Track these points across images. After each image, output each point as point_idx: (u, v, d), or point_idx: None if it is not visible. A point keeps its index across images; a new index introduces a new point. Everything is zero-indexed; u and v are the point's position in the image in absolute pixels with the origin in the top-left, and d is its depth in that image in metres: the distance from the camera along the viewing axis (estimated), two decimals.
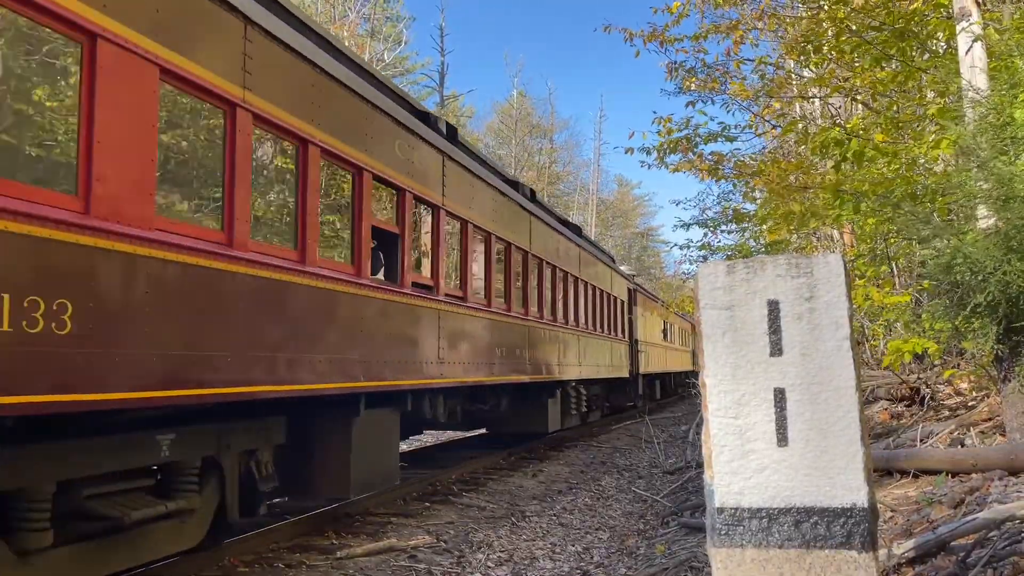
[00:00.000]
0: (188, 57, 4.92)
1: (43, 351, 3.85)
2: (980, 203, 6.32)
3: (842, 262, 2.77)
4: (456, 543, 7.33)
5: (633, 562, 6.71)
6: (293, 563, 6.38)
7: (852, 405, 2.68)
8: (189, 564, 5.92)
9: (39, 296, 3.82)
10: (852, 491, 2.63)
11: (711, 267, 2.92)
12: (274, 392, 5.78)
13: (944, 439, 7.40)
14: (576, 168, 59.66)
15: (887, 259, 12.80)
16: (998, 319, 5.67)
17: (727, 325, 2.85)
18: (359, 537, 7.33)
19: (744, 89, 10.99)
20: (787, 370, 2.75)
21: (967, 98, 7.04)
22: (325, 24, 32.76)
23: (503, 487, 10.48)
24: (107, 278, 4.27)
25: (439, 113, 40.87)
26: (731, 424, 2.79)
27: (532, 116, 53.47)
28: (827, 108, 15.37)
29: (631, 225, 67.80)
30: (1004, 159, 5.80)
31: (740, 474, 2.75)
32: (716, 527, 2.76)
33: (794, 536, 2.67)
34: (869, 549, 2.60)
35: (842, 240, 16.01)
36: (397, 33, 39.08)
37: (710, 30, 10.72)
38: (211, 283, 5.13)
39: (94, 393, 4.17)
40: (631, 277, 24.62)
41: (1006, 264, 5.47)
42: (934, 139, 8.12)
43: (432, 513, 8.57)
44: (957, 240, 5.92)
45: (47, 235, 3.89)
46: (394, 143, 8.02)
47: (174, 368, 4.75)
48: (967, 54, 7.47)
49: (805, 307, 2.76)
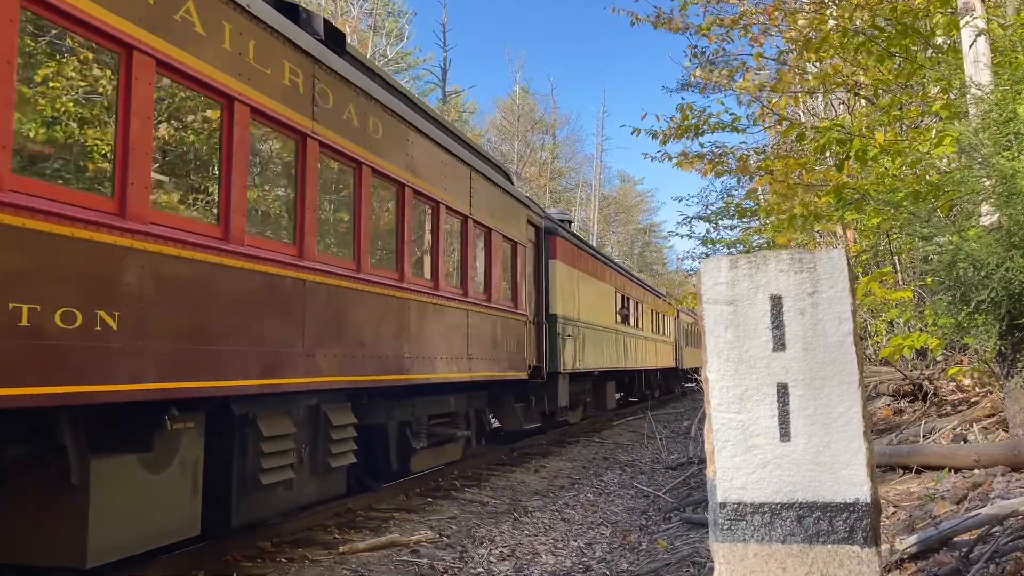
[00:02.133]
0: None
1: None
2: (983, 200, 6.31)
3: (845, 257, 2.77)
4: (458, 538, 7.33)
5: (635, 557, 6.71)
6: (295, 558, 6.39)
7: (855, 400, 2.67)
8: (191, 559, 5.93)
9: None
10: (855, 486, 2.63)
11: (714, 262, 2.92)
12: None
13: (947, 435, 7.39)
14: (578, 164, 59.65)
15: (889, 255, 12.78)
16: (1001, 316, 5.66)
17: (730, 320, 2.84)
18: (361, 532, 7.35)
19: (749, 83, 10.99)
20: (790, 365, 2.75)
21: (970, 94, 7.02)
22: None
23: (505, 483, 10.49)
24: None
25: (441, 109, 40.88)
26: (734, 419, 2.79)
27: (534, 112, 53.44)
28: (830, 104, 15.35)
29: (633, 221, 67.75)
30: (1007, 155, 5.78)
31: (743, 469, 2.75)
32: (719, 522, 2.76)
33: (797, 531, 2.67)
34: (872, 544, 2.60)
35: (844, 236, 15.98)
36: (399, 29, 39.01)
37: (714, 22, 10.69)
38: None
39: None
40: (546, 214, 15.56)
41: (1009, 261, 5.46)
42: (937, 136, 8.10)
43: (434, 508, 8.58)
44: (959, 237, 5.91)
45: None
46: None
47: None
48: (971, 49, 7.45)
49: (808, 302, 2.76)
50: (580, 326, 15.82)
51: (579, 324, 15.74)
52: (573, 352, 15.16)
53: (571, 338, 15.02)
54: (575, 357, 15.32)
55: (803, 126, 10.68)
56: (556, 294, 14.26)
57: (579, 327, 15.76)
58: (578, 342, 15.58)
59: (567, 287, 15.07)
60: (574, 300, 15.64)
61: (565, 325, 14.63)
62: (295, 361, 6.15)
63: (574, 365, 15.25)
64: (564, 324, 14.55)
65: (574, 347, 15.24)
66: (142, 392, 4.62)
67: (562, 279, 14.65)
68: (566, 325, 14.73)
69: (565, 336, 14.56)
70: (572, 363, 15.07)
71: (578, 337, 15.62)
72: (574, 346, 15.24)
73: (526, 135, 51.87)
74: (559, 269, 14.56)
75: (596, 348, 17.39)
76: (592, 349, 16.96)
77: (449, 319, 9.33)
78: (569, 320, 15.02)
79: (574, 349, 15.25)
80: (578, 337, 15.62)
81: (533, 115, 53.17)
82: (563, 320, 14.49)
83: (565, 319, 14.66)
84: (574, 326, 15.36)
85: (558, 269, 14.52)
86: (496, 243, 10.96)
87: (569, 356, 14.85)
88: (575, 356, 15.34)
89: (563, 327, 14.45)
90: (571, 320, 15.18)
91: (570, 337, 14.94)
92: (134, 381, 4.56)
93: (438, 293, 8.98)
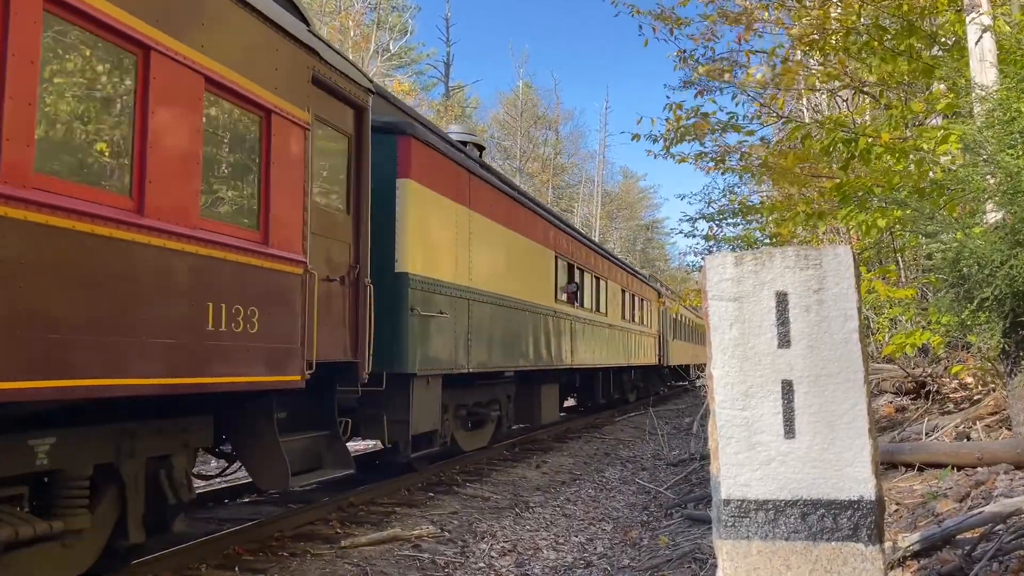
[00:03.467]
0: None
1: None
2: (988, 198, 6.30)
3: (851, 254, 2.76)
4: (460, 533, 7.34)
5: (637, 553, 6.72)
6: (297, 552, 6.40)
7: (860, 397, 2.67)
8: (191, 553, 5.94)
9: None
10: (859, 483, 2.63)
11: (719, 258, 2.91)
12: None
13: (950, 433, 7.39)
14: (581, 160, 59.58)
15: (893, 252, 12.78)
16: (1005, 313, 5.66)
17: (735, 317, 2.84)
18: (363, 526, 7.35)
19: (752, 78, 10.96)
20: (795, 362, 2.75)
21: (975, 93, 7.01)
22: (331, 15, 32.72)
23: (507, 478, 10.49)
24: None
25: (444, 104, 40.74)
26: (738, 416, 2.79)
27: (537, 107, 53.41)
28: (834, 101, 15.32)
29: (636, 217, 67.75)
30: (1011, 153, 5.77)
31: (747, 466, 2.75)
32: (722, 519, 2.76)
33: (800, 528, 2.67)
34: (876, 542, 2.60)
35: (848, 233, 15.97)
36: (403, 23, 39.02)
37: (716, 17, 10.66)
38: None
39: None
40: (409, 110, 10.50)
41: (1013, 258, 5.46)
42: (942, 134, 8.09)
43: (436, 503, 8.59)
44: (963, 234, 5.90)
45: None
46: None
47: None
48: (976, 46, 7.43)
49: (814, 299, 2.75)
50: (473, 298, 10.12)
51: (470, 294, 10.04)
52: (452, 339, 9.45)
53: (445, 318, 9.19)
54: (457, 347, 9.63)
55: (808, 127, 10.65)
56: (409, 237, 8.46)
57: (470, 300, 10.03)
58: (465, 324, 9.84)
59: (441, 232, 9.35)
60: (458, 254, 9.78)
61: (430, 294, 8.88)
62: None
63: (455, 360, 9.56)
64: (427, 291, 8.80)
65: (455, 331, 9.53)
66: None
67: (425, 215, 8.89)
68: (432, 294, 8.93)
69: (428, 311, 8.71)
70: (450, 356, 9.40)
71: (465, 316, 9.86)
72: (455, 330, 9.54)
73: (529, 131, 51.83)
74: (418, 197, 8.70)
75: (513, 336, 11.67)
76: (503, 336, 11.24)
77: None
78: (441, 286, 9.18)
79: (456, 335, 9.55)
80: (465, 316, 9.86)
81: (536, 110, 53.14)
82: (424, 284, 8.73)
83: (430, 283, 8.90)
84: (457, 297, 9.66)
85: (416, 196, 8.66)
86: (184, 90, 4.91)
87: (439, 346, 9.09)
88: (457, 346, 9.62)
89: (423, 296, 8.69)
90: (447, 286, 9.37)
91: (442, 316, 9.10)
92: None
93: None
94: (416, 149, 8.74)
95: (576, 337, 15.39)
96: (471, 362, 10.10)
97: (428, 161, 9.08)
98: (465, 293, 9.93)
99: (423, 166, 8.90)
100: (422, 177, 8.85)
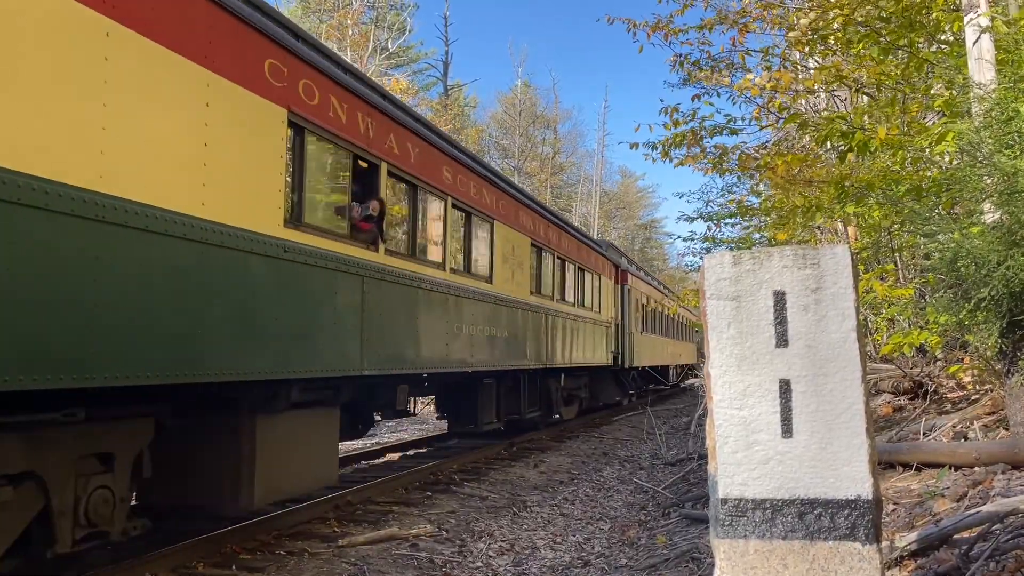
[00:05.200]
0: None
1: None
2: (985, 198, 6.30)
3: (849, 253, 2.76)
4: (457, 532, 7.34)
5: (634, 552, 6.72)
6: (295, 550, 6.39)
7: (857, 397, 2.67)
8: (191, 552, 5.94)
9: None
10: (857, 483, 2.63)
11: (717, 257, 2.91)
12: None
13: (947, 433, 7.39)
14: (580, 159, 59.54)
15: (890, 252, 12.78)
16: (1002, 313, 5.65)
17: (732, 316, 2.84)
18: (360, 525, 7.35)
19: (749, 83, 10.94)
20: (793, 361, 2.75)
21: (973, 93, 7.01)
22: (329, 12, 32.69)
23: (504, 477, 10.49)
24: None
25: (443, 103, 40.68)
26: (735, 415, 2.78)
27: (536, 106, 53.33)
28: (832, 101, 15.32)
29: (635, 217, 67.75)
30: (1008, 153, 5.77)
31: (744, 465, 2.75)
32: (719, 518, 2.76)
33: (798, 527, 2.67)
34: (873, 541, 2.60)
35: (846, 232, 15.97)
36: (401, 22, 38.91)
37: (714, 21, 10.63)
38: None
39: None
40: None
41: (1010, 259, 5.46)
42: (939, 132, 8.08)
43: (433, 502, 8.58)
44: (960, 234, 5.90)
45: None
46: None
47: None
48: (974, 46, 7.43)
49: (811, 298, 2.75)
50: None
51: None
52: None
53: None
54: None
55: (805, 115, 10.65)
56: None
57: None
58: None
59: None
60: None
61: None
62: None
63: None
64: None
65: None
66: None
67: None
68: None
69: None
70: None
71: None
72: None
73: (527, 130, 51.77)
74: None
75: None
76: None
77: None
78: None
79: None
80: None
81: (535, 110, 53.04)
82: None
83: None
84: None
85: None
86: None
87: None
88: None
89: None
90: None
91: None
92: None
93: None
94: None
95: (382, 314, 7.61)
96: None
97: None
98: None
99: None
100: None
